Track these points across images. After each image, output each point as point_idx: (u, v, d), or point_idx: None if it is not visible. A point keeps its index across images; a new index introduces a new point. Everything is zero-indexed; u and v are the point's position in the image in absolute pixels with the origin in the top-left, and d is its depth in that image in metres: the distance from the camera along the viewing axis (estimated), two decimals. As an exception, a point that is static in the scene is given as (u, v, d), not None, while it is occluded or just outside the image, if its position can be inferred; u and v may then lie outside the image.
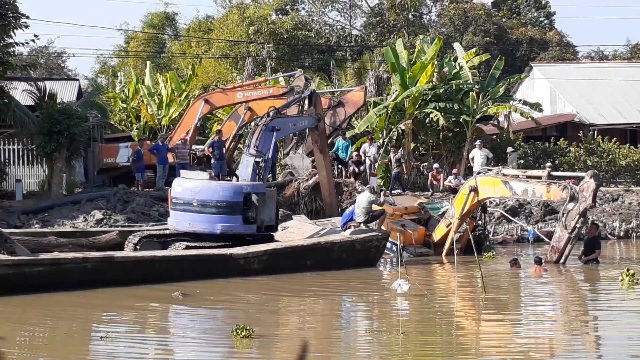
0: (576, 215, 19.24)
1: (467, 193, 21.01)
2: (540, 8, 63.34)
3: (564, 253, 19.55)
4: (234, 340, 11.92)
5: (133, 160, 27.83)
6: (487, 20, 55.48)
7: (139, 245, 18.68)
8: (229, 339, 12.10)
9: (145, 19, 64.43)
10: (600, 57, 60.71)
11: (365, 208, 20.30)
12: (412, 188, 28.44)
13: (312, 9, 55.98)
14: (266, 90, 29.88)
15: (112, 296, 15.63)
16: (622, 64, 50.40)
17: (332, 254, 19.28)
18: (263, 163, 19.50)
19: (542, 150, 32.96)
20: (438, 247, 21.73)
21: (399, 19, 53.31)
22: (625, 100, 41.29)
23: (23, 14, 24.42)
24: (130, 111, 40.06)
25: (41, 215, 23.03)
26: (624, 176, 32.70)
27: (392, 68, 30.89)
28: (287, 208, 24.04)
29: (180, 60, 54.02)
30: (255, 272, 17.84)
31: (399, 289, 15.45)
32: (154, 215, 23.43)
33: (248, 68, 38.99)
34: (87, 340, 12.81)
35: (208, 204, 18.67)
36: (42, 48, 61.75)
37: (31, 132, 25.56)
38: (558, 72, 44.01)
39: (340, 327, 13.99)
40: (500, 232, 25.26)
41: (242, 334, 11.91)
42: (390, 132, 30.15)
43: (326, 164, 23.63)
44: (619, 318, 14.31)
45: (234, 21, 48.18)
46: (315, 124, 22.36)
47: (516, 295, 17.47)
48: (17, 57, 26.16)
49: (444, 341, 12.58)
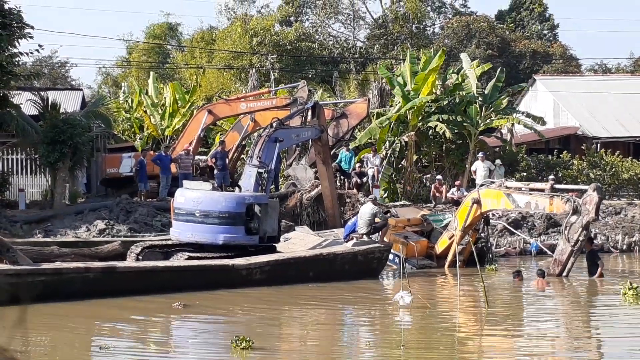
0: (579, 228, 19.20)
1: (469, 205, 20.98)
2: (544, 21, 63.44)
3: (567, 266, 19.50)
4: (233, 352, 11.87)
5: (136, 171, 27.84)
6: (490, 33, 55.59)
7: (141, 255, 18.68)
8: (228, 351, 12.05)
9: (147, 29, 64.58)
10: (603, 70, 60.74)
11: (368, 220, 20.28)
12: (415, 200, 28.41)
13: (316, 21, 56.11)
14: (269, 102, 29.89)
15: (113, 306, 15.62)
16: (626, 77, 50.43)
17: (335, 265, 19.26)
18: (266, 174, 19.50)
19: (545, 163, 32.93)
20: (440, 260, 21.68)
21: (403, 31, 53.42)
22: (628, 114, 41.28)
23: (27, 24, 24.48)
24: (134, 121, 40.12)
25: (44, 225, 23.03)
26: (627, 189, 32.65)
27: (390, 83, 31.02)
28: (290, 219, 24.01)
29: (184, 71, 54.10)
30: (257, 283, 17.81)
31: (401, 301, 15.43)
32: (157, 225, 23.42)
33: (252, 79, 39.05)
34: (87, 351, 12.76)
35: (210, 214, 18.67)
36: (45, 58, 61.93)
37: (34, 141, 25.59)
38: (561, 85, 44.03)
39: (340, 340, 13.95)
40: (502, 244, 25.21)
41: (242, 345, 11.87)
42: (393, 143, 30.14)
43: (329, 175, 23.63)
44: (622, 334, 14.26)
45: (237, 33, 48.29)
46: (318, 135, 22.36)
47: (519, 309, 17.41)
48: (21, 67, 26.22)
49: (446, 356, 12.52)
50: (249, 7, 57.18)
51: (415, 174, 30.38)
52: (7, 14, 24.03)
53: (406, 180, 30.16)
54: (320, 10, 55.16)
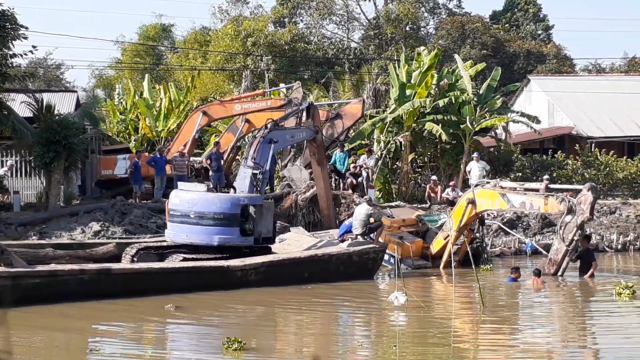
0: (574, 228, 19.23)
1: (464, 205, 21.01)
2: (538, 21, 63.51)
3: (562, 266, 19.53)
4: (224, 353, 11.84)
5: (131, 172, 27.79)
6: (484, 33, 55.64)
7: (136, 257, 18.65)
8: (219, 352, 12.01)
9: (140, 31, 64.44)
10: (597, 70, 60.82)
11: (363, 220, 20.30)
12: (410, 200, 28.42)
13: (310, 22, 56.09)
14: (264, 103, 29.86)
15: (105, 308, 15.54)
16: (620, 76, 50.51)
17: (330, 266, 19.25)
18: (260, 175, 19.50)
19: (539, 163, 32.97)
20: (436, 260, 21.69)
21: (397, 31, 53.43)
22: (622, 114, 41.34)
23: (22, 25, 24.45)
24: (129, 123, 40.03)
25: (39, 227, 22.99)
26: (622, 189, 32.72)
27: (394, 81, 30.95)
28: (285, 220, 24.00)
29: (178, 72, 54.04)
30: (253, 284, 17.81)
31: (396, 301, 15.49)
32: (152, 227, 23.39)
33: (246, 80, 39.01)
34: (76, 354, 12.67)
35: (205, 215, 18.66)
36: (40, 60, 61.81)
37: (29, 143, 25.55)
38: (556, 85, 44.10)
39: (333, 341, 13.89)
40: (498, 244, 25.24)
41: (234, 346, 11.83)
42: (388, 144, 30.13)
43: (324, 176, 23.63)
44: (618, 333, 14.28)
45: (230, 34, 48.24)
46: (313, 136, 22.37)
47: (514, 308, 17.42)
48: (16, 69, 26.17)
49: (439, 355, 12.50)
50: (242, 8, 57.12)
51: (410, 174, 30.38)
52: (1, 15, 23.99)
53: (401, 181, 30.16)
54: (314, 12, 55.14)
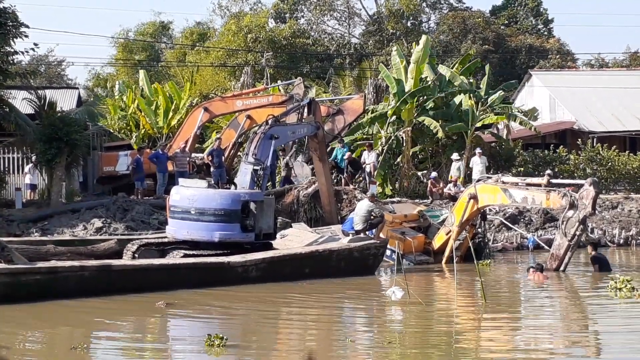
0: (576, 223, 19.22)
1: (466, 201, 21.00)
2: (537, 15, 63.37)
3: (564, 261, 19.52)
4: (208, 351, 11.81)
5: (133, 169, 27.80)
6: (485, 28, 55.54)
7: (137, 253, 18.65)
8: (201, 349, 11.98)
9: (138, 29, 64.36)
10: (599, 65, 60.72)
11: (364, 216, 20.28)
12: (411, 196, 28.40)
13: (311, 18, 56.06)
14: (265, 99, 29.88)
15: (98, 306, 15.46)
16: (622, 71, 50.42)
17: (330, 261, 19.24)
18: (261, 171, 19.49)
19: (541, 158, 32.93)
20: (438, 255, 21.69)
21: (398, 27, 53.38)
22: (624, 108, 41.29)
23: (23, 23, 24.46)
24: (130, 119, 39.99)
25: (41, 224, 23.01)
26: (624, 183, 32.68)
27: (389, 80, 30.96)
28: (287, 216, 24.01)
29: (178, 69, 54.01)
30: (253, 280, 17.79)
31: (393, 296, 15.61)
32: (154, 223, 23.39)
33: (247, 76, 38.98)
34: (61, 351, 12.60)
35: (206, 212, 18.64)
36: (42, 57, 61.86)
37: (31, 140, 25.58)
38: (557, 80, 44.01)
39: (324, 337, 13.78)
40: (500, 239, 25.23)
41: (216, 343, 11.84)
42: (389, 139, 30.10)
43: (325, 172, 23.62)
44: (619, 328, 14.26)
45: (231, 31, 48.19)
46: (314, 132, 22.35)
47: (516, 303, 17.39)
48: (17, 66, 26.20)
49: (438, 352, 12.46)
50: (242, 4, 57.10)
51: (411, 170, 30.36)
52: (2, 13, 24.00)
53: (402, 176, 30.13)
54: (315, 8, 55.11)
